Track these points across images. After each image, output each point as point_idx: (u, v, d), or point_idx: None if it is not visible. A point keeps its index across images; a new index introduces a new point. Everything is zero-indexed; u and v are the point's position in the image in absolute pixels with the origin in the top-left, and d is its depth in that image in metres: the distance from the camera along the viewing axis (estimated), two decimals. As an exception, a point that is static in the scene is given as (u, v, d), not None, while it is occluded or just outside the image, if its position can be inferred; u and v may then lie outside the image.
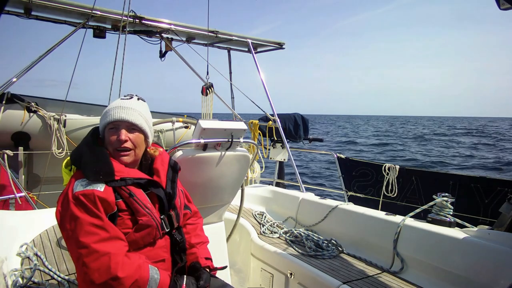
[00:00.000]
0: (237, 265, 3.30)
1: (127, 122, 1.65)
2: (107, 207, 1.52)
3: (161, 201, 1.68)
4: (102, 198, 1.50)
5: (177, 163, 1.87)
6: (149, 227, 1.59)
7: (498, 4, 2.15)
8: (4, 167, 3.79)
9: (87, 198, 1.48)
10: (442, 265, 2.42)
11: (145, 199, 1.62)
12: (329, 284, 2.44)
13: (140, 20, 4.33)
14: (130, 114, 1.66)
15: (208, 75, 4.93)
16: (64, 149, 4.71)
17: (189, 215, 1.95)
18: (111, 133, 1.65)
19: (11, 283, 2.04)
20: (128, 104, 1.68)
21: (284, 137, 4.96)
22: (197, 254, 1.83)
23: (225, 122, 2.43)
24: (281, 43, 5.62)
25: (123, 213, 1.56)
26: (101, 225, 1.47)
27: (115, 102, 1.69)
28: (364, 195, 5.56)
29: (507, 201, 2.56)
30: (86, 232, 1.44)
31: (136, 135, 1.67)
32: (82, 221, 1.45)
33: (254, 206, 3.80)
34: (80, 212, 1.47)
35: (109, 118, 1.64)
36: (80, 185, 1.52)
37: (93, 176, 1.52)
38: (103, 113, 1.69)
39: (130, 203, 1.57)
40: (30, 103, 4.75)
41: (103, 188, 1.52)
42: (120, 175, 1.57)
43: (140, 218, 1.58)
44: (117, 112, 1.65)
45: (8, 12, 3.84)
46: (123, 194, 1.57)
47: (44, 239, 2.47)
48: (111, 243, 1.47)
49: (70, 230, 1.48)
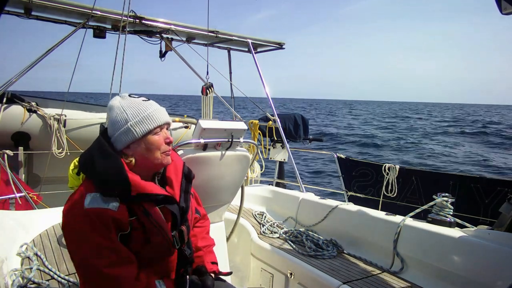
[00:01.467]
0: (237, 265, 3.30)
1: (167, 123, 1.61)
2: (120, 227, 1.42)
3: (175, 217, 1.59)
4: (116, 219, 1.39)
5: (191, 171, 1.77)
6: (161, 247, 1.52)
7: (499, 9, 2.13)
8: (4, 167, 3.79)
9: (99, 217, 1.37)
10: (442, 265, 2.42)
11: (159, 217, 1.51)
12: (329, 284, 2.44)
13: (140, 20, 4.33)
14: (167, 114, 1.61)
15: (208, 75, 4.94)
16: (64, 149, 4.71)
17: (198, 218, 1.91)
18: (158, 136, 1.55)
19: (11, 283, 2.04)
20: (156, 105, 1.61)
21: (284, 137, 4.96)
22: (203, 258, 1.79)
23: (225, 122, 2.43)
24: (281, 43, 5.62)
25: (135, 232, 1.46)
26: (112, 247, 1.38)
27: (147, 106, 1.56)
28: (364, 195, 5.56)
29: (507, 201, 2.56)
30: (96, 254, 1.36)
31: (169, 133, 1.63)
32: (91, 242, 1.36)
33: (254, 206, 3.80)
34: (90, 232, 1.36)
35: (156, 122, 1.53)
36: (91, 200, 1.39)
37: (107, 191, 1.40)
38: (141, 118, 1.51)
39: (145, 222, 1.47)
40: (30, 103, 4.76)
41: (117, 207, 1.40)
42: (136, 191, 1.44)
43: (153, 238, 1.48)
44: (161, 115, 1.57)
45: (8, 12, 3.84)
46: (137, 212, 1.46)
47: (44, 239, 2.47)
48: (121, 268, 1.39)
49: (78, 249, 1.39)
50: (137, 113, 1.52)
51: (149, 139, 1.53)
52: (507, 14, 2.13)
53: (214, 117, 5.14)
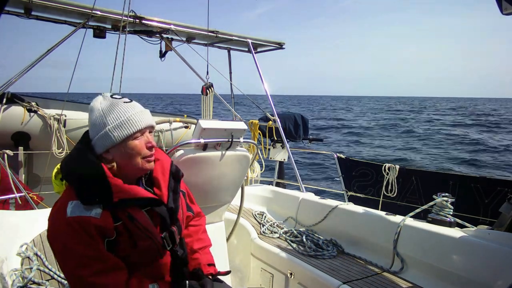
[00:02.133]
0: (237, 265, 3.30)
1: (150, 126, 1.50)
2: (104, 234, 1.37)
3: (163, 218, 1.54)
4: (99, 226, 1.34)
5: (179, 170, 1.71)
6: (150, 250, 1.47)
7: (500, 9, 2.13)
8: (4, 167, 3.79)
9: (82, 226, 1.32)
10: (442, 265, 2.42)
11: (146, 221, 1.46)
12: (329, 284, 2.44)
13: (140, 20, 4.33)
14: (150, 117, 1.51)
15: (208, 75, 4.94)
16: (64, 149, 4.71)
17: (192, 217, 1.85)
18: (139, 141, 1.46)
19: (11, 283, 2.04)
20: (139, 107, 1.51)
21: (284, 137, 4.97)
22: (200, 261, 1.75)
23: (225, 122, 2.43)
24: (281, 43, 5.63)
25: (121, 237, 1.41)
26: (97, 256, 1.34)
27: (126, 108, 1.47)
28: (364, 195, 5.56)
29: (507, 201, 2.56)
30: (81, 264, 1.32)
31: (152, 137, 1.54)
32: (76, 252, 1.32)
33: (254, 206, 3.80)
34: (74, 242, 1.32)
35: (136, 126, 1.44)
36: (73, 208, 1.35)
37: (88, 199, 1.36)
38: (121, 122, 1.43)
39: (130, 228, 1.42)
40: (30, 103, 4.76)
41: (100, 214, 1.36)
42: (119, 196, 1.39)
43: (140, 242, 1.43)
44: (142, 118, 1.47)
45: (8, 12, 3.84)
46: (122, 218, 1.41)
47: (44, 239, 2.47)
48: (109, 275, 1.35)
49: (63, 260, 1.36)
50: (116, 116, 1.44)
51: (129, 144, 1.45)
52: (508, 14, 2.13)
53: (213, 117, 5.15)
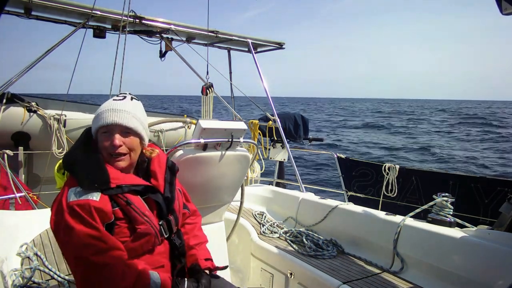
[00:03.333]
0: (237, 265, 3.30)
1: (120, 126, 1.56)
2: (103, 217, 1.45)
3: (159, 206, 1.62)
4: (98, 208, 1.43)
5: (174, 164, 1.80)
6: (148, 235, 1.54)
7: (500, 9, 2.13)
8: (4, 167, 3.78)
9: (82, 209, 1.41)
10: (442, 265, 2.42)
11: (142, 206, 1.55)
12: (329, 284, 2.44)
13: (140, 20, 4.33)
14: (123, 118, 1.57)
15: (208, 75, 4.94)
16: (64, 149, 4.71)
17: (188, 214, 1.90)
18: (104, 137, 1.56)
19: (11, 283, 2.04)
20: (121, 106, 1.59)
21: (284, 137, 4.96)
22: (197, 256, 1.79)
23: (225, 122, 2.43)
24: (281, 43, 5.62)
25: (120, 222, 1.50)
26: (98, 236, 1.41)
27: (107, 104, 1.60)
28: (364, 195, 5.56)
29: (507, 201, 2.56)
30: (83, 244, 1.39)
31: (131, 139, 1.59)
32: (78, 233, 1.39)
33: (254, 206, 3.80)
34: (76, 223, 1.40)
35: (101, 121, 1.56)
36: (74, 194, 1.44)
37: (87, 184, 1.46)
38: (95, 116, 1.59)
39: (128, 212, 1.51)
40: (30, 103, 4.75)
41: (99, 197, 1.45)
42: (116, 182, 1.50)
43: (138, 226, 1.51)
44: (109, 115, 1.55)
45: (8, 12, 3.84)
46: (120, 202, 1.51)
47: (44, 239, 2.47)
48: (109, 255, 1.41)
49: (66, 242, 1.43)
50: (97, 110, 1.60)
51: (98, 137, 1.59)
52: (508, 14, 2.13)
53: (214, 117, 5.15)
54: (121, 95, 1.67)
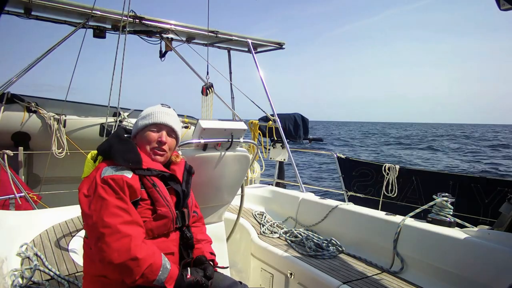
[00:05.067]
0: (237, 265, 3.30)
1: (169, 127, 1.82)
2: (132, 193, 1.60)
3: (178, 196, 1.78)
4: (130, 184, 1.59)
5: (191, 167, 1.97)
6: (166, 218, 1.68)
7: (498, 5, 2.14)
8: (4, 167, 3.79)
9: (116, 182, 1.57)
10: (442, 265, 2.42)
11: (165, 191, 1.72)
12: (329, 284, 2.44)
13: (140, 20, 4.33)
14: (173, 121, 1.84)
15: (208, 75, 4.93)
16: (64, 149, 4.71)
17: (196, 218, 2.02)
18: (153, 132, 1.78)
19: (11, 283, 2.04)
20: (170, 112, 1.87)
21: (284, 137, 4.96)
22: (203, 249, 1.91)
23: (225, 122, 2.43)
24: (281, 43, 5.62)
25: (143, 202, 1.65)
26: (126, 208, 1.55)
27: (157, 108, 1.86)
28: (364, 195, 5.56)
29: (507, 201, 2.56)
30: (111, 213, 1.51)
31: (172, 140, 1.85)
32: (109, 203, 1.53)
33: (254, 206, 3.80)
34: (108, 194, 1.54)
35: (154, 119, 1.80)
36: (109, 170, 1.60)
37: (123, 162, 1.63)
38: (145, 114, 1.83)
39: (152, 193, 1.67)
40: (30, 103, 4.76)
41: (131, 175, 1.62)
42: (147, 165, 1.69)
43: (159, 208, 1.67)
44: (163, 116, 1.82)
45: (8, 12, 3.84)
46: (146, 184, 1.67)
47: (44, 239, 2.48)
48: (133, 227, 1.54)
49: (95, 210, 1.54)
50: (146, 111, 1.86)
51: (145, 133, 1.79)
52: (505, 10, 2.14)
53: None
54: (165, 105, 1.93)
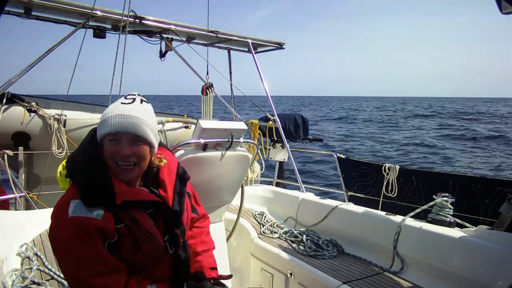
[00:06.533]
0: (237, 265, 3.30)
1: (129, 134, 1.39)
2: (105, 236, 1.34)
3: (166, 221, 1.51)
4: (100, 228, 1.32)
5: (185, 172, 1.68)
6: (153, 254, 1.45)
7: (500, 8, 2.14)
8: (4, 167, 3.79)
9: (83, 227, 1.30)
10: (442, 265, 2.42)
11: (149, 224, 1.43)
12: (329, 284, 2.44)
13: (140, 20, 4.33)
14: (133, 124, 1.39)
15: (208, 75, 4.94)
16: (64, 149, 4.71)
17: (196, 218, 1.81)
18: (111, 145, 1.39)
19: (11, 283, 2.04)
20: (130, 111, 1.41)
21: (284, 137, 4.96)
22: (202, 263, 1.70)
23: (225, 122, 2.43)
24: (281, 43, 5.63)
25: (124, 239, 1.39)
26: (97, 257, 1.31)
27: (115, 108, 1.42)
28: (364, 195, 5.56)
29: (507, 201, 2.56)
30: (82, 264, 1.30)
31: (141, 148, 1.42)
32: (77, 252, 1.30)
33: (254, 206, 3.80)
34: (76, 241, 1.30)
35: (108, 128, 1.38)
36: (75, 208, 1.33)
37: (90, 201, 1.34)
38: (101, 120, 1.42)
39: (133, 230, 1.39)
40: (30, 103, 4.75)
41: (102, 216, 1.33)
42: (122, 198, 1.37)
43: (144, 245, 1.41)
44: (117, 121, 1.38)
45: (8, 12, 3.84)
46: (125, 220, 1.38)
47: (44, 239, 2.47)
48: (109, 277, 1.33)
49: (63, 257, 1.34)
50: (103, 114, 1.43)
51: (104, 143, 1.41)
52: (507, 13, 2.14)
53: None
54: (130, 97, 1.48)
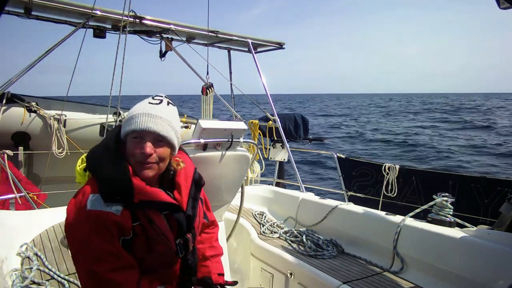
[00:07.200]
0: (237, 265, 3.30)
1: (154, 134, 1.41)
2: (122, 232, 1.36)
3: (180, 224, 1.52)
4: (118, 223, 1.34)
5: (201, 177, 1.70)
6: (164, 255, 1.47)
7: (498, 3, 2.15)
8: (4, 167, 3.79)
9: (101, 221, 1.32)
10: (442, 265, 2.42)
11: (163, 225, 1.45)
12: (329, 284, 2.44)
13: (140, 20, 4.33)
14: (158, 124, 1.42)
15: (208, 75, 4.94)
16: (64, 149, 4.71)
17: (206, 224, 1.82)
18: (134, 143, 1.41)
19: (11, 283, 2.04)
20: (157, 112, 1.44)
21: (284, 137, 4.97)
22: (210, 269, 1.73)
23: (225, 122, 2.43)
24: (281, 43, 5.63)
25: (138, 238, 1.40)
26: (115, 252, 1.34)
27: (142, 107, 1.45)
28: (364, 195, 5.56)
29: (507, 201, 2.56)
30: (98, 258, 1.32)
31: (163, 149, 1.45)
32: (94, 246, 1.31)
33: (254, 206, 3.80)
34: (92, 236, 1.32)
35: (133, 126, 1.40)
36: (94, 202, 1.34)
37: (109, 196, 1.36)
38: (127, 118, 1.45)
39: (148, 230, 1.41)
40: (30, 103, 4.76)
41: (120, 211, 1.35)
42: (139, 198, 1.38)
43: (156, 246, 1.43)
44: (143, 120, 1.40)
45: (8, 12, 3.84)
46: (141, 219, 1.40)
47: (44, 239, 2.47)
48: (123, 273, 1.34)
49: (79, 253, 1.35)
50: (129, 112, 1.46)
51: (127, 141, 1.43)
52: (505, 8, 2.14)
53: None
54: (157, 98, 1.51)
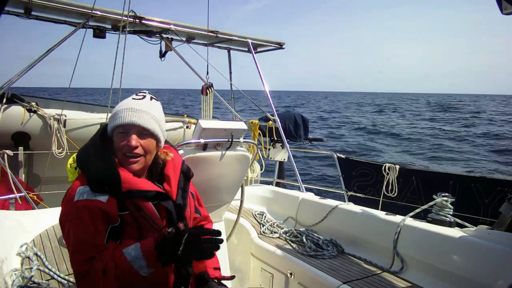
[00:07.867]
0: (237, 265, 3.30)
1: (138, 127, 1.51)
2: (109, 220, 1.43)
3: (170, 213, 1.57)
4: (104, 210, 1.42)
5: (189, 169, 1.76)
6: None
7: (500, 9, 2.14)
8: (4, 167, 3.79)
9: (88, 209, 1.40)
10: (442, 265, 2.42)
11: (153, 213, 1.51)
12: (329, 284, 2.44)
13: (140, 20, 4.33)
14: (141, 118, 1.52)
15: (208, 75, 4.94)
16: (64, 149, 4.71)
17: (199, 219, 1.86)
18: (120, 137, 1.51)
19: (11, 283, 2.04)
20: (140, 106, 1.54)
21: (284, 137, 4.97)
22: (206, 263, 1.75)
23: (225, 122, 2.44)
24: (281, 43, 5.63)
25: (129, 227, 1.47)
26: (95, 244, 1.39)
27: (126, 103, 1.55)
28: (364, 195, 5.56)
29: (507, 201, 2.56)
30: (79, 247, 1.39)
31: (148, 141, 1.54)
32: (77, 234, 1.40)
33: (254, 206, 3.80)
34: (76, 227, 1.40)
35: (118, 121, 1.50)
36: (81, 193, 1.43)
37: (96, 187, 1.44)
38: (112, 114, 1.55)
39: (137, 218, 1.48)
40: (30, 103, 4.75)
41: (106, 199, 1.43)
42: (127, 187, 1.46)
43: (147, 233, 1.48)
44: (127, 115, 1.50)
45: (8, 12, 3.84)
46: (130, 208, 1.47)
47: (44, 239, 2.47)
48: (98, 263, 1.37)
49: (68, 243, 1.45)
50: (114, 109, 1.57)
51: (114, 136, 1.54)
52: (508, 14, 2.13)
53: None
54: (141, 94, 1.61)
